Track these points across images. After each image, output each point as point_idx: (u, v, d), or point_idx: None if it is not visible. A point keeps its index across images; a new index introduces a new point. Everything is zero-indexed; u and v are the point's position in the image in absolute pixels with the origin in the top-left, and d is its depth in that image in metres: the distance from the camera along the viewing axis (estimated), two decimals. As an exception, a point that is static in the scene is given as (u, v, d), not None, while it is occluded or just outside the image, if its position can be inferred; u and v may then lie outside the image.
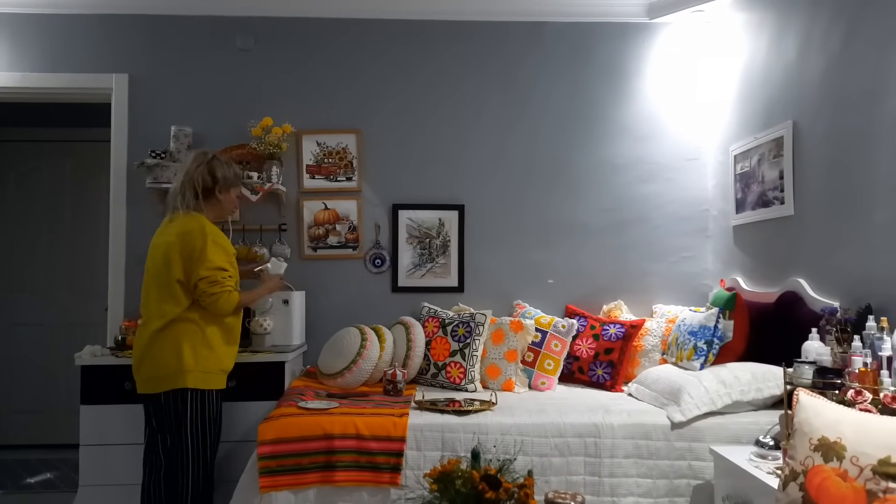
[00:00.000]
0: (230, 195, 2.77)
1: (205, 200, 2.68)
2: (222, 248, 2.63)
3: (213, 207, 2.73)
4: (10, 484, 3.96)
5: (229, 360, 2.73)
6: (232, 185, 2.76)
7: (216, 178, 2.69)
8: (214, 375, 2.65)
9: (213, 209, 2.73)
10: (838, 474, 1.62)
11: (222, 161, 2.75)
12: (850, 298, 2.51)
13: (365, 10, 3.82)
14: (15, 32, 3.73)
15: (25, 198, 4.88)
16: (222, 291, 2.57)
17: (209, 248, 2.56)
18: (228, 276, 2.61)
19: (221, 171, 2.71)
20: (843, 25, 2.68)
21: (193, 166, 2.69)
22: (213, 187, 2.69)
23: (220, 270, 2.57)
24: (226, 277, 2.59)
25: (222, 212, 2.79)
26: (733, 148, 3.54)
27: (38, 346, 4.78)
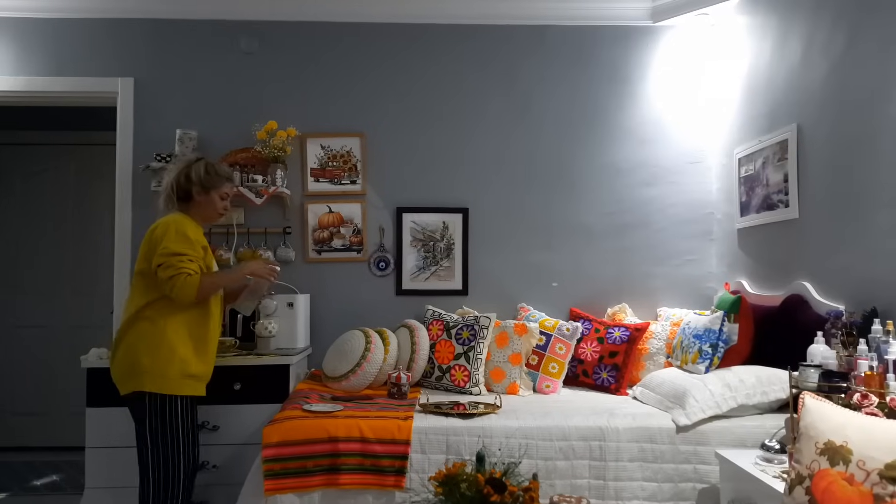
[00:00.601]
0: (210, 196, 2.66)
1: (185, 202, 2.64)
2: (184, 235, 2.51)
3: (198, 210, 2.67)
4: (15, 486, 3.97)
5: (199, 365, 2.56)
6: (212, 186, 2.65)
7: (191, 180, 2.63)
8: (176, 380, 2.48)
9: (197, 212, 2.67)
10: (844, 478, 1.62)
11: (203, 163, 2.68)
12: (856, 301, 2.51)
13: (369, 14, 3.83)
14: (21, 37, 3.75)
15: (30, 200, 4.90)
16: (178, 274, 2.43)
17: (168, 236, 2.48)
18: (187, 259, 2.47)
19: (197, 174, 2.64)
20: (847, 29, 2.68)
21: (174, 170, 2.69)
22: (189, 189, 2.63)
23: (176, 255, 2.45)
24: (182, 261, 2.45)
25: (208, 213, 2.70)
26: (737, 151, 3.54)
27: (43, 348, 4.80)
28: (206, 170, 2.66)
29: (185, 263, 2.46)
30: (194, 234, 2.56)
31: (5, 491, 3.88)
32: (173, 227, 2.50)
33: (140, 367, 2.45)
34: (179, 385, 2.50)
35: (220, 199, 2.69)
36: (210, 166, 2.68)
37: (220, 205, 2.70)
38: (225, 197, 2.71)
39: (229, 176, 2.77)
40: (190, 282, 2.44)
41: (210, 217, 2.71)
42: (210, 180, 2.65)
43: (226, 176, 2.74)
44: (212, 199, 2.67)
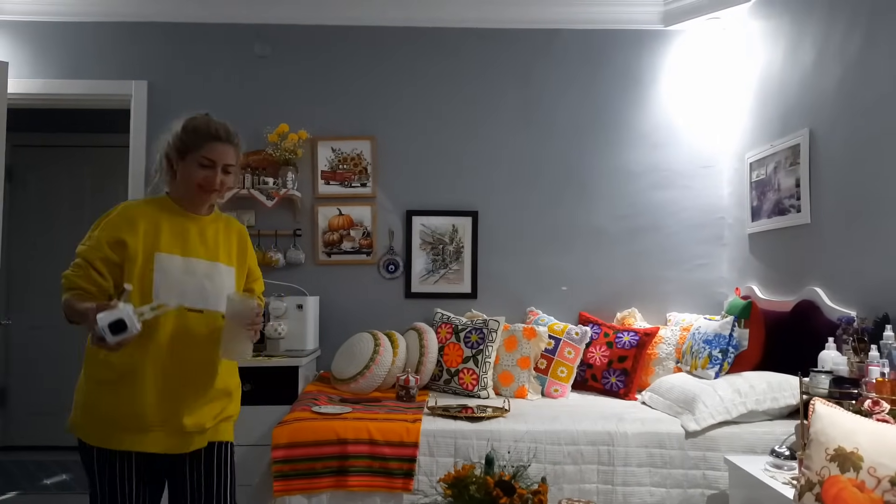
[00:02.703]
0: (186, 163, 1.85)
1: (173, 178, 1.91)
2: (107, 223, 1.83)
3: (177, 186, 1.90)
4: (26, 485, 4.01)
5: (111, 406, 1.76)
6: (187, 148, 1.85)
7: (169, 143, 1.89)
8: (89, 424, 1.80)
9: (176, 189, 1.90)
10: (855, 485, 1.61)
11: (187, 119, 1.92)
12: (868, 307, 2.49)
13: (381, 18, 3.85)
14: (37, 40, 3.80)
15: (46, 202, 4.95)
16: (66, 276, 1.81)
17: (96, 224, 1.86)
18: (82, 264, 1.79)
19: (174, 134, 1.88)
20: (860, 33, 2.66)
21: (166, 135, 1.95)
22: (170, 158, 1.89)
23: (77, 255, 1.82)
24: (76, 262, 1.80)
25: (185, 190, 1.87)
26: (749, 155, 3.53)
27: (55, 348, 4.84)
28: (184, 126, 1.88)
29: (73, 270, 1.80)
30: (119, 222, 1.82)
31: (16, 489, 3.92)
32: (111, 213, 1.86)
33: (74, 399, 1.86)
34: (94, 432, 1.79)
35: (200, 165, 1.84)
36: (191, 121, 1.89)
37: (199, 174, 1.84)
38: (207, 164, 1.84)
39: (215, 133, 1.86)
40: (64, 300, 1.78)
41: (191, 195, 1.87)
42: (185, 140, 1.85)
43: (207, 133, 1.85)
44: (187, 166, 1.84)
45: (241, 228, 2.05)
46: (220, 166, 1.86)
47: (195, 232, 1.88)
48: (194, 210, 1.90)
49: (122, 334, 1.54)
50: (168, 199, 1.90)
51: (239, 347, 1.82)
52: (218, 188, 1.86)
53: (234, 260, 1.96)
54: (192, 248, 1.86)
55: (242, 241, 2.03)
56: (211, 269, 1.87)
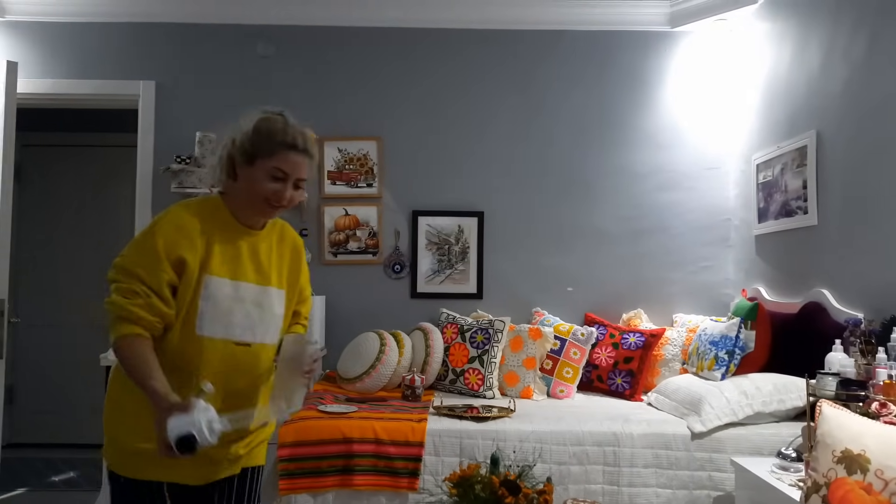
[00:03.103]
0: (253, 170, 1.58)
1: (231, 179, 1.63)
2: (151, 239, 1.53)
3: (238, 192, 1.63)
4: (35, 482, 4.04)
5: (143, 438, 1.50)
6: (258, 152, 1.58)
7: (235, 143, 1.61)
8: (120, 456, 1.59)
9: (236, 195, 1.64)
10: (862, 487, 1.61)
11: (262, 118, 1.64)
12: (875, 310, 2.48)
13: (386, 19, 3.86)
14: (46, 40, 3.82)
15: (53, 201, 4.98)
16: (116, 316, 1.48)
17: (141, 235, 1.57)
18: (142, 290, 1.49)
19: (243, 133, 1.61)
20: (867, 35, 2.65)
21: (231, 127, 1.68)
22: (233, 158, 1.62)
23: (129, 274, 1.51)
24: (132, 287, 1.49)
25: (248, 199, 1.61)
26: (756, 157, 3.52)
27: (63, 347, 4.86)
28: (257, 127, 1.61)
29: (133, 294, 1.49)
30: (175, 236, 1.54)
31: (24, 486, 3.95)
32: (152, 224, 1.58)
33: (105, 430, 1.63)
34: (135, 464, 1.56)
35: (270, 176, 1.58)
36: (264, 122, 1.62)
37: (268, 187, 1.58)
38: (279, 175, 1.58)
39: (292, 140, 1.60)
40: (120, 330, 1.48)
41: (252, 205, 1.62)
42: (256, 144, 1.58)
43: (283, 140, 1.59)
44: (254, 174, 1.58)
45: (297, 240, 1.79)
46: (293, 180, 1.60)
47: (247, 250, 1.63)
48: (250, 223, 1.65)
49: (191, 452, 1.31)
50: (222, 206, 1.63)
51: (294, 398, 1.56)
52: (286, 204, 1.60)
53: (284, 280, 1.72)
54: (242, 270, 1.61)
55: (296, 256, 1.78)
56: (261, 295, 1.63)
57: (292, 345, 1.59)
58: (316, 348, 1.63)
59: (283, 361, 1.59)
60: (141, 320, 1.48)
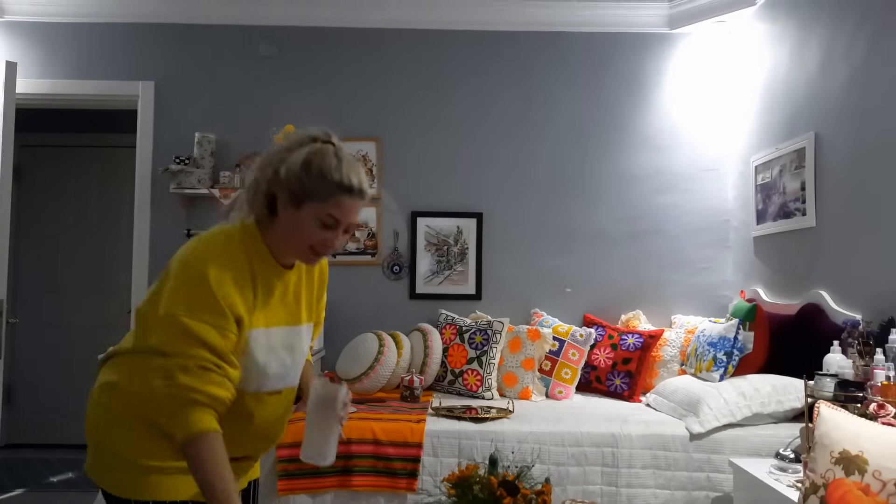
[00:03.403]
0: (300, 215, 1.36)
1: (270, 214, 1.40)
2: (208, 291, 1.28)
3: (277, 233, 1.40)
4: (32, 482, 4.03)
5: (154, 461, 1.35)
6: (307, 195, 1.35)
7: (280, 177, 1.35)
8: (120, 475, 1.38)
9: (276, 236, 1.40)
10: (860, 488, 1.61)
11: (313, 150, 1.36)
12: (873, 311, 2.49)
13: (386, 20, 3.86)
14: (45, 41, 3.82)
15: (52, 201, 4.97)
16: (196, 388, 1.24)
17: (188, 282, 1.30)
18: (213, 362, 1.26)
19: (291, 168, 1.34)
20: (867, 37, 2.66)
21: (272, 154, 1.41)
22: (274, 193, 1.38)
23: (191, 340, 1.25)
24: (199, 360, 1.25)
25: (289, 244, 1.40)
26: (754, 159, 3.52)
27: (62, 346, 4.86)
28: (307, 163, 1.34)
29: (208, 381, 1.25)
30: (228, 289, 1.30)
31: (22, 487, 3.94)
32: (200, 271, 1.29)
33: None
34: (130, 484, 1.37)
35: (320, 222, 1.36)
36: (318, 157, 1.35)
37: (316, 234, 1.37)
38: (330, 223, 1.36)
39: (349, 184, 1.35)
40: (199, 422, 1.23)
41: (295, 250, 1.41)
42: (307, 185, 1.34)
43: (339, 183, 1.35)
44: (301, 218, 1.36)
45: (324, 264, 1.55)
46: (345, 226, 1.38)
47: (280, 291, 1.44)
48: (287, 263, 1.44)
49: None
50: (259, 240, 1.39)
51: (328, 449, 1.43)
52: (333, 252, 1.42)
53: (312, 312, 1.56)
54: (274, 314, 1.42)
55: (322, 282, 1.59)
56: (292, 336, 1.47)
57: (322, 390, 1.44)
58: (347, 393, 1.47)
59: (314, 409, 1.44)
60: (218, 402, 1.25)
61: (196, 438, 1.22)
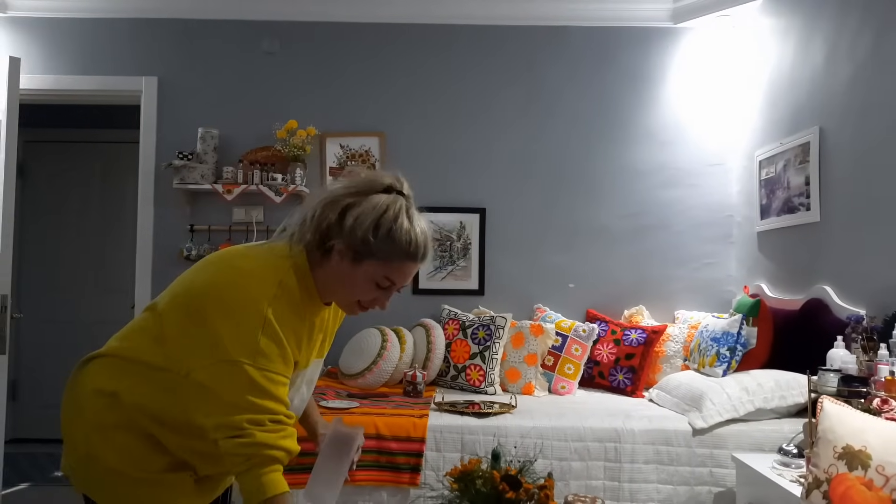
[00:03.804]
0: (359, 270, 1.31)
1: (319, 253, 1.33)
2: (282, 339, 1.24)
3: (327, 277, 1.34)
4: (38, 476, 4.05)
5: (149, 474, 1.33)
6: (372, 254, 1.29)
7: (345, 227, 1.29)
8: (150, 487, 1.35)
9: (325, 280, 1.35)
10: (863, 483, 1.61)
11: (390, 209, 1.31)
12: (877, 306, 2.48)
13: (389, 15, 3.85)
14: (48, 36, 3.83)
15: (55, 197, 4.99)
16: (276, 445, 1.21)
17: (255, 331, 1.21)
18: (284, 414, 1.24)
19: (360, 222, 1.28)
20: (872, 31, 2.65)
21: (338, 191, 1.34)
22: (330, 236, 1.31)
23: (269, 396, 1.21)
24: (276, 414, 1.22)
25: (338, 292, 1.37)
26: (758, 153, 3.51)
27: (66, 342, 4.87)
28: (377, 224, 1.28)
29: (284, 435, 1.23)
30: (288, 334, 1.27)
31: (28, 481, 3.96)
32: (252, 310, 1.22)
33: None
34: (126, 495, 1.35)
35: (375, 283, 1.34)
36: (390, 218, 1.30)
37: (369, 293, 1.35)
38: (386, 285, 1.35)
39: (414, 252, 1.32)
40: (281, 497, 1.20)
41: (340, 299, 1.40)
42: (372, 246, 1.29)
43: (406, 251, 1.31)
44: (356, 273, 1.32)
45: None
46: (399, 287, 1.37)
47: (317, 329, 1.41)
48: (328, 302, 1.41)
49: None
50: (310, 279, 1.33)
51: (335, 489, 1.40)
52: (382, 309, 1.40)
53: (325, 345, 1.52)
54: (305, 352, 1.37)
55: (342, 317, 1.56)
56: (314, 371, 1.47)
57: (342, 430, 1.45)
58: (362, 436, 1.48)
59: (330, 448, 1.44)
60: (292, 455, 1.23)
61: (275, 500, 1.19)
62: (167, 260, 3.76)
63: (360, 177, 1.36)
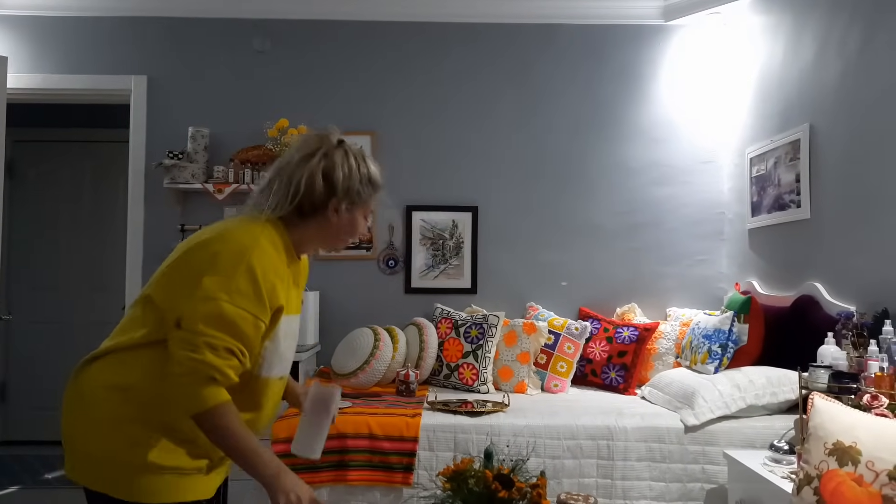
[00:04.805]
0: (354, 216, 1.57)
1: (301, 217, 1.51)
2: (256, 285, 1.37)
3: (318, 232, 1.56)
4: (28, 479, 4.02)
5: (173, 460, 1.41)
6: (363, 200, 1.57)
7: (333, 184, 1.51)
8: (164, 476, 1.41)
9: (315, 235, 1.56)
10: (853, 479, 1.61)
11: (352, 155, 1.56)
12: (867, 303, 2.49)
13: (381, 13, 3.84)
14: (37, 35, 3.79)
15: (46, 197, 4.95)
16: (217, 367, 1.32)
17: (231, 277, 1.35)
18: (238, 349, 1.36)
19: (348, 176, 1.52)
20: (861, 28, 2.66)
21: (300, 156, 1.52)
22: (322, 201, 1.51)
23: (229, 328, 1.34)
24: (229, 345, 1.34)
25: (333, 239, 1.60)
26: (749, 151, 3.52)
27: (57, 343, 4.85)
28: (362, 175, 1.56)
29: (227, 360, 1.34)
30: (273, 278, 1.42)
31: (18, 484, 3.93)
32: (247, 261, 1.37)
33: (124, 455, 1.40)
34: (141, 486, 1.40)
35: (364, 218, 1.61)
36: (366, 168, 1.57)
37: (362, 230, 1.64)
38: (369, 217, 1.66)
39: (381, 185, 1.62)
40: (211, 395, 1.32)
41: (331, 243, 1.62)
42: (363, 192, 1.56)
43: (379, 185, 1.61)
44: (356, 220, 1.58)
45: (305, 258, 1.67)
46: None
47: (293, 280, 1.55)
48: (303, 253, 1.60)
49: None
50: (286, 237, 1.50)
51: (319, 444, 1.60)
52: None
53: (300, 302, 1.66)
54: (293, 303, 1.54)
55: (306, 276, 1.71)
56: (297, 324, 1.61)
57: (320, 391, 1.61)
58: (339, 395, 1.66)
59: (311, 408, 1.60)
60: (229, 381, 1.35)
61: (214, 410, 1.31)
62: (158, 260, 3.67)
63: (308, 142, 1.55)
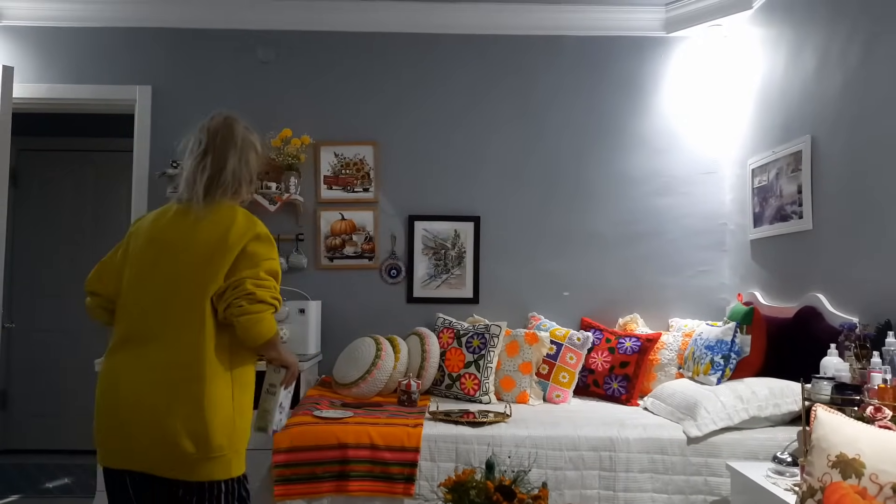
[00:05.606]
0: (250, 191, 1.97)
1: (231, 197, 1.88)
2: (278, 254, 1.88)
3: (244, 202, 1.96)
4: (28, 488, 4.01)
5: None
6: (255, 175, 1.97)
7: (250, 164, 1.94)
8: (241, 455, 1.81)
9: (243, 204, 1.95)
10: (857, 491, 1.61)
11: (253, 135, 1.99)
12: (870, 314, 2.49)
13: (384, 24, 3.86)
14: (43, 45, 3.82)
15: (49, 206, 4.96)
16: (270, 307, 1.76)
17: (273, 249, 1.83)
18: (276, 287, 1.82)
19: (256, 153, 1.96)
20: (862, 40, 2.67)
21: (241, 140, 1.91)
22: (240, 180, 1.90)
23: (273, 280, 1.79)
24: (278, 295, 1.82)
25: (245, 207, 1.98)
26: (751, 162, 3.53)
27: (58, 351, 4.84)
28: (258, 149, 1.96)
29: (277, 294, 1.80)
30: None
31: (18, 493, 3.92)
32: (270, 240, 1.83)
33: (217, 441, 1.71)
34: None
35: None
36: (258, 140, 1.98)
37: None
38: None
39: None
40: (273, 324, 1.79)
41: None
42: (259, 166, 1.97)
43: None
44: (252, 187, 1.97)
45: None
46: None
47: None
48: None
49: None
50: None
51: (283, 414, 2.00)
52: None
53: None
54: None
55: None
56: None
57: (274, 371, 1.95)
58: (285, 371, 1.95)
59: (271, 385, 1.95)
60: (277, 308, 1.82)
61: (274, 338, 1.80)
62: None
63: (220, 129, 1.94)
